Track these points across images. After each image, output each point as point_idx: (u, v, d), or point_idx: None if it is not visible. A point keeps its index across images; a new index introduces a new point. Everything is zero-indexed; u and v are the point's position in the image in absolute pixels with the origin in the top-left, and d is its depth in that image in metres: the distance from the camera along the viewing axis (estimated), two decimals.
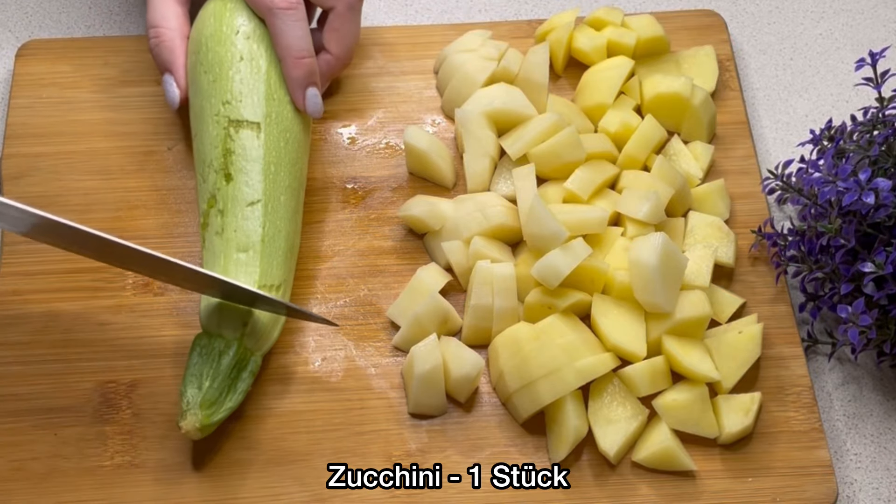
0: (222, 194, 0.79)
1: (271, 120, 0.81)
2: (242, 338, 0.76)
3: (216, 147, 0.80)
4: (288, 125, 0.82)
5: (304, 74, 0.83)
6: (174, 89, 0.85)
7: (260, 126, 0.81)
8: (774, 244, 0.85)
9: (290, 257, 0.80)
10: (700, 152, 0.89)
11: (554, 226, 0.79)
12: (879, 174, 0.78)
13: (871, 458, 0.81)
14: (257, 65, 0.82)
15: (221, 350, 0.75)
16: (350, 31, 0.87)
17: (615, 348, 0.78)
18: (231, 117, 0.80)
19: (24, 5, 0.98)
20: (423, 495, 0.76)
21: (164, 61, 0.85)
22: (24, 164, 0.88)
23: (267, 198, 0.79)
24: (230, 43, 0.83)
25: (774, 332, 0.83)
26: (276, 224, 0.79)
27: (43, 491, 0.76)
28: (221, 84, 0.82)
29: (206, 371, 0.74)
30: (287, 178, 0.81)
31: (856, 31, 1.00)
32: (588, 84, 0.91)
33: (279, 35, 0.82)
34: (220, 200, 0.79)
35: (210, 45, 0.83)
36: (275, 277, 0.78)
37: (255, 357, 0.76)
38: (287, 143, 0.82)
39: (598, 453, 0.78)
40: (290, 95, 0.83)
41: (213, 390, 0.74)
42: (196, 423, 0.73)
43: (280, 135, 0.81)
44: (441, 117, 0.92)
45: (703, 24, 0.97)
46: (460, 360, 0.78)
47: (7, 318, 0.82)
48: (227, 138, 0.80)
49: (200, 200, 0.81)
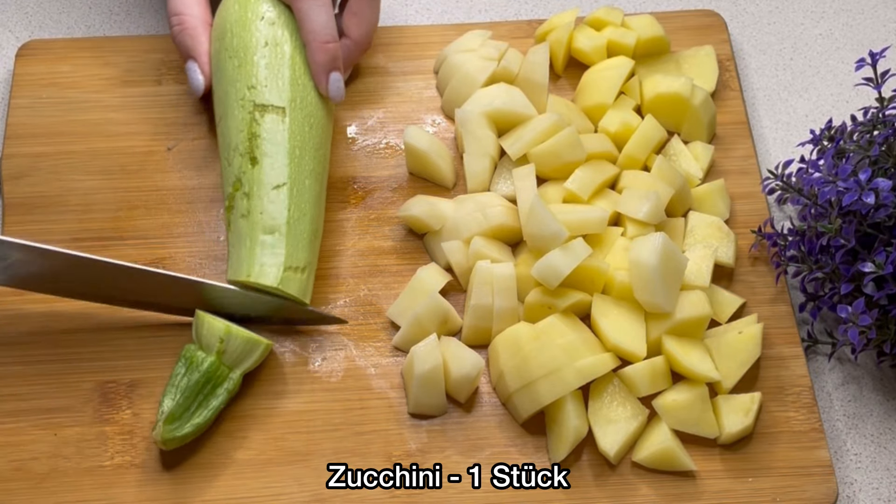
0: (248, 177, 0.80)
1: (296, 105, 0.82)
2: (220, 354, 0.76)
3: (241, 131, 0.81)
4: (312, 110, 0.83)
5: (329, 59, 0.83)
6: (199, 76, 0.85)
7: (285, 111, 0.81)
8: (774, 244, 0.85)
9: (314, 241, 0.81)
10: (700, 152, 0.89)
11: (554, 226, 0.79)
12: (879, 174, 0.78)
13: (871, 458, 0.81)
14: (282, 50, 0.83)
15: (198, 364, 0.76)
16: (370, 16, 0.88)
17: (615, 348, 0.78)
18: (256, 101, 0.81)
19: (24, 5, 0.98)
20: (423, 495, 0.76)
21: (187, 48, 0.86)
22: (24, 164, 0.88)
23: (292, 181, 0.80)
24: (255, 28, 0.83)
25: (774, 332, 0.83)
26: (301, 207, 0.80)
27: (43, 491, 0.76)
28: (246, 69, 0.82)
29: (181, 383, 0.75)
30: (311, 163, 0.82)
31: (856, 31, 1.00)
32: (588, 84, 0.91)
33: (305, 20, 0.83)
34: (246, 183, 0.80)
35: (235, 31, 0.84)
36: (300, 259, 0.79)
37: (232, 374, 0.77)
38: (311, 127, 0.83)
39: (598, 453, 0.78)
40: (313, 80, 0.84)
41: (180, 406, 0.75)
42: (158, 436, 0.74)
43: (304, 119, 0.82)
44: (441, 117, 0.92)
45: (703, 24, 0.97)
46: (460, 360, 0.78)
47: (7, 318, 0.82)
48: (252, 122, 0.81)
49: (225, 184, 0.82)
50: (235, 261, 0.79)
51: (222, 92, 0.83)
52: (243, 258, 0.78)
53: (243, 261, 0.78)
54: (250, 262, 0.78)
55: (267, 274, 0.78)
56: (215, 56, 0.85)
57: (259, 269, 0.78)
